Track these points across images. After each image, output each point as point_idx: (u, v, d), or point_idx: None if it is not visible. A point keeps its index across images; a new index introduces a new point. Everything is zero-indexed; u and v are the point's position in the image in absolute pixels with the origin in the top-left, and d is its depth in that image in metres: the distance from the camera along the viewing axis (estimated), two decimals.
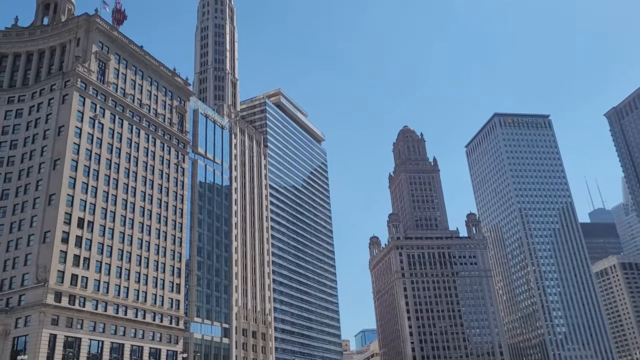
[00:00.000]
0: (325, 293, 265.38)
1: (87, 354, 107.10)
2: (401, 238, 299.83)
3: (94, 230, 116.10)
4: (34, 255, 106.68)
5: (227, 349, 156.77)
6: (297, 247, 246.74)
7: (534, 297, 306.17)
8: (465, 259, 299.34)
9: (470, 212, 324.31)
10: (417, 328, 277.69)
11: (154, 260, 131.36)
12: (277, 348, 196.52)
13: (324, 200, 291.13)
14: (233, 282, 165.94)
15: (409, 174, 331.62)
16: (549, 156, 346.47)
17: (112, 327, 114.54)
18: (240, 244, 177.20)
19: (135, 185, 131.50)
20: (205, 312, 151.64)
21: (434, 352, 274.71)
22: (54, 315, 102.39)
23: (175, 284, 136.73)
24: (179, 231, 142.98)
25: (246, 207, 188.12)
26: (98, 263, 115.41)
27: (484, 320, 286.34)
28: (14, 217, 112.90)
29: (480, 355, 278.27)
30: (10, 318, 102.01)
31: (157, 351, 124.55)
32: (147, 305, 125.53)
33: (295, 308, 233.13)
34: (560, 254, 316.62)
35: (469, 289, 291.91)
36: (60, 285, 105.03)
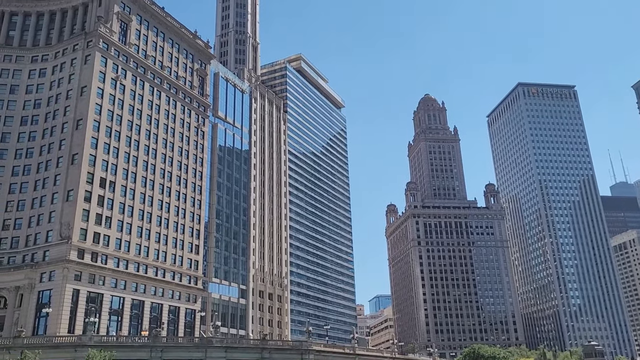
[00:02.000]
0: (341, 258, 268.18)
1: (109, 309, 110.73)
2: (418, 206, 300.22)
3: (115, 190, 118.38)
4: (58, 213, 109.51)
5: (244, 310, 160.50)
6: (315, 213, 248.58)
7: (549, 268, 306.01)
8: (482, 229, 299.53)
9: (489, 182, 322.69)
10: (431, 295, 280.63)
11: (173, 222, 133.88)
12: (293, 310, 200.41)
13: (342, 167, 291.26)
14: (250, 245, 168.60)
15: (428, 142, 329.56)
16: (572, 128, 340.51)
17: (133, 285, 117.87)
18: (259, 208, 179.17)
19: (155, 147, 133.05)
20: (223, 273, 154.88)
21: (447, 319, 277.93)
22: (77, 271, 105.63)
23: (194, 245, 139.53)
24: (198, 194, 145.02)
25: (265, 171, 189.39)
26: (119, 222, 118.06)
27: (498, 290, 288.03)
28: (37, 176, 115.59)
29: (493, 324, 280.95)
30: (35, 272, 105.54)
31: (176, 309, 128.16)
32: (167, 264, 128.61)
33: (311, 272, 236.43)
34: (578, 227, 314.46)
35: (484, 259, 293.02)
36: (83, 243, 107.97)
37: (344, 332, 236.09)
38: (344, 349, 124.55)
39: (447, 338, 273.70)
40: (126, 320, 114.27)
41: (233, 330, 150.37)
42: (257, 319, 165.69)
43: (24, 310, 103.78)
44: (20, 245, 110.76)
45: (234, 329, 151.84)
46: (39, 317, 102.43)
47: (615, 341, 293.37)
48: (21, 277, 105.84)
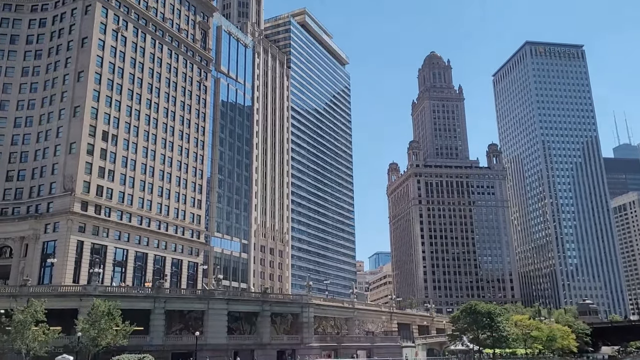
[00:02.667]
0: (341, 215, 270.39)
1: (112, 260, 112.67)
2: (420, 165, 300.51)
3: (118, 144, 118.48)
4: (61, 165, 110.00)
5: (246, 264, 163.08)
6: (317, 170, 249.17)
7: (548, 228, 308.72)
8: (483, 189, 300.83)
9: (492, 142, 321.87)
10: (430, 253, 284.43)
11: (176, 176, 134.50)
12: (294, 265, 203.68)
13: (345, 125, 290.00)
14: (252, 200, 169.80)
15: (432, 101, 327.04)
16: (578, 88, 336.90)
17: (137, 237, 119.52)
18: (261, 164, 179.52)
19: (158, 101, 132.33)
20: (225, 228, 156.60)
21: (445, 276, 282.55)
22: (80, 223, 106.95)
23: (196, 200, 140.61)
24: (200, 149, 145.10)
25: (267, 128, 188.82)
26: (122, 176, 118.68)
27: (497, 249, 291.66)
28: (40, 127, 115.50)
29: (490, 281, 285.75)
30: (40, 223, 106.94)
31: (179, 261, 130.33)
32: (170, 218, 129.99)
33: (312, 228, 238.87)
34: (579, 188, 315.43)
35: (484, 219, 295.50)
36: (86, 195, 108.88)
37: (344, 287, 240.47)
38: (343, 303, 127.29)
39: (444, 294, 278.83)
40: (130, 272, 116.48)
41: (235, 283, 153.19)
42: (258, 273, 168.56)
43: (29, 260, 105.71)
44: (24, 196, 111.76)
45: (236, 282, 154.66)
46: (44, 267, 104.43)
47: (609, 300, 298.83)
48: (26, 227, 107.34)
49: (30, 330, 71.57)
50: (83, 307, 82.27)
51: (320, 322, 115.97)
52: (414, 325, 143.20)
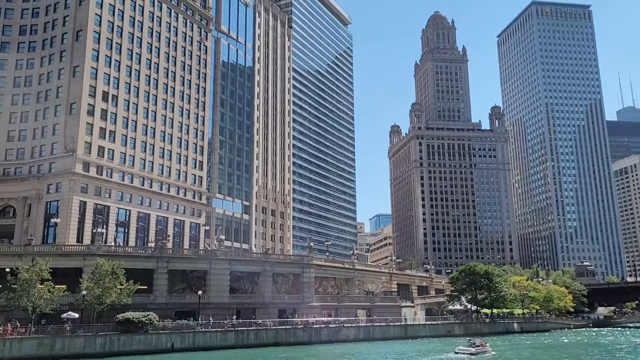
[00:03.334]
0: (343, 177, 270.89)
1: (115, 220, 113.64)
2: (422, 128, 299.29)
3: (118, 104, 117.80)
4: (61, 126, 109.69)
5: (247, 225, 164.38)
6: (318, 132, 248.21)
7: (549, 191, 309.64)
8: (484, 152, 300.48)
9: (495, 105, 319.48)
10: (431, 215, 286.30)
11: (177, 137, 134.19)
12: (295, 226, 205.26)
13: (347, 86, 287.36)
14: (254, 162, 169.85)
15: (435, 62, 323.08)
16: (583, 50, 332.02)
17: (139, 198, 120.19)
18: (262, 125, 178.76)
19: (157, 62, 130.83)
20: (226, 189, 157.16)
21: (445, 238, 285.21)
22: (83, 184, 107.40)
23: (198, 161, 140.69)
24: (201, 110, 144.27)
25: (268, 89, 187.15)
26: (123, 137, 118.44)
27: (497, 211, 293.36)
28: (39, 87, 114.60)
29: (489, 243, 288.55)
30: (42, 184, 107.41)
31: (181, 222, 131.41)
32: (171, 179, 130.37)
33: (313, 190, 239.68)
34: (581, 151, 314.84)
35: (485, 181, 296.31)
36: (87, 156, 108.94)
37: (344, 248, 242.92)
38: (343, 264, 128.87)
39: (444, 256, 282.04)
40: (133, 232, 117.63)
41: (237, 244, 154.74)
42: (259, 234, 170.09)
43: (32, 220, 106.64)
44: (25, 156, 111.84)
45: (238, 242, 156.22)
46: (47, 227, 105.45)
47: (607, 262, 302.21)
48: (28, 187, 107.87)
49: (35, 288, 72.92)
50: (87, 266, 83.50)
51: (321, 282, 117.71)
52: (413, 286, 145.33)
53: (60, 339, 70.25)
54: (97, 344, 71.97)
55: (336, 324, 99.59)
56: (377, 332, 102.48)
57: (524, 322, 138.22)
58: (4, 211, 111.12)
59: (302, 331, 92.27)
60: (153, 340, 76.27)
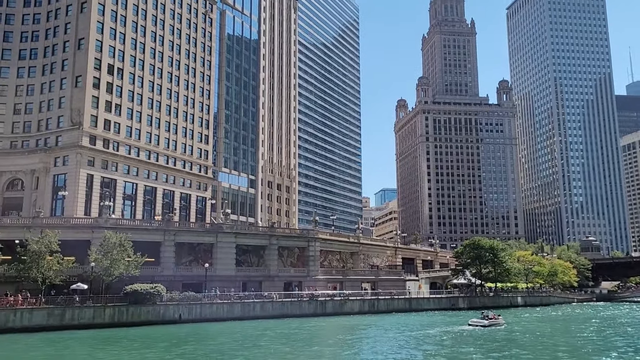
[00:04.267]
0: (348, 152, 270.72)
1: (122, 194, 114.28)
2: (429, 102, 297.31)
3: (123, 78, 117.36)
4: (68, 99, 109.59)
5: (253, 199, 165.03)
6: (324, 106, 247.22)
7: (556, 166, 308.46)
8: (491, 127, 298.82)
9: (503, 79, 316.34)
10: (436, 190, 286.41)
11: (183, 111, 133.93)
12: (300, 201, 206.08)
13: (353, 60, 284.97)
14: (260, 136, 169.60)
15: (443, 35, 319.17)
16: (594, 23, 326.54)
17: (145, 172, 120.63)
18: (268, 99, 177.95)
19: (162, 34, 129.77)
20: (232, 164, 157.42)
21: (450, 212, 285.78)
22: (90, 157, 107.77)
23: (203, 135, 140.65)
24: (207, 83, 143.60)
25: (274, 62, 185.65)
26: (129, 110, 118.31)
27: (503, 186, 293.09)
28: (45, 60, 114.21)
29: (494, 218, 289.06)
30: (49, 157, 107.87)
31: (188, 196, 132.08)
32: (177, 153, 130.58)
33: (319, 164, 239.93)
34: (589, 126, 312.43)
35: (491, 156, 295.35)
36: (94, 129, 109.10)
37: (350, 222, 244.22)
38: (348, 238, 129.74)
39: (449, 230, 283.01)
40: (140, 205, 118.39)
41: (242, 217, 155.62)
42: (265, 208, 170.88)
43: (40, 193, 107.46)
44: (32, 129, 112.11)
45: (244, 216, 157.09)
46: (55, 200, 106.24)
47: (613, 237, 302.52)
48: (36, 160, 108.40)
49: (45, 259, 73.97)
50: (95, 238, 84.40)
51: (326, 255, 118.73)
52: (418, 260, 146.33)
53: (69, 310, 71.56)
54: (106, 314, 73.30)
55: (341, 296, 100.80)
56: (382, 305, 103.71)
57: (528, 296, 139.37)
58: (12, 184, 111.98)
59: (308, 304, 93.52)
60: (161, 312, 77.60)
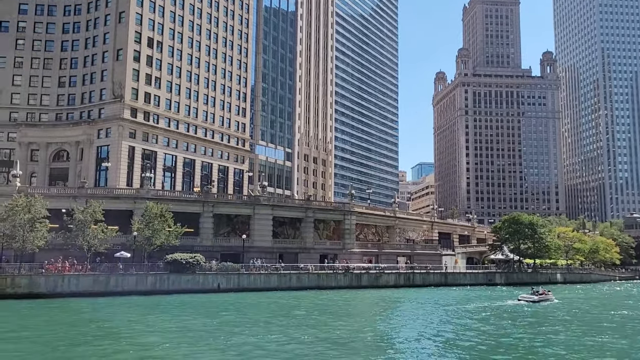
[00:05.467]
0: (385, 125, 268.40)
1: (162, 165, 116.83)
2: (469, 74, 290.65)
3: (163, 50, 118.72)
4: (109, 72, 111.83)
5: (289, 172, 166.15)
6: (361, 79, 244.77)
7: (600, 141, 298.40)
8: (534, 99, 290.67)
9: (547, 50, 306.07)
10: (475, 165, 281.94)
11: (220, 84, 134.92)
12: (336, 174, 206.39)
13: (391, 32, 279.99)
14: (296, 109, 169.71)
15: (485, 5, 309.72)
16: None
17: (184, 144, 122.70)
18: (305, 72, 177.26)
19: (200, 7, 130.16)
20: (269, 136, 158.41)
21: (489, 187, 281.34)
22: (131, 129, 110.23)
23: (241, 108, 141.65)
24: (244, 56, 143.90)
25: (311, 35, 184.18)
26: (168, 83, 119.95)
27: (544, 161, 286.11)
28: (87, 34, 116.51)
29: (534, 193, 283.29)
30: (92, 129, 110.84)
31: (225, 168, 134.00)
32: (215, 126, 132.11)
33: (356, 138, 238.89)
34: (637, 99, 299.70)
35: (533, 130, 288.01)
36: (135, 102, 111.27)
37: (386, 196, 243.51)
38: (384, 212, 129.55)
39: (486, 206, 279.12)
40: (179, 177, 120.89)
41: (279, 190, 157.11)
42: (301, 181, 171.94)
43: (85, 164, 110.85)
44: (76, 102, 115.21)
45: (280, 189, 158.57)
46: (99, 171, 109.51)
47: None
48: (80, 132, 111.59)
49: (90, 228, 76.72)
50: (137, 209, 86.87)
51: (361, 229, 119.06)
52: (454, 235, 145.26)
53: (114, 277, 74.32)
54: (148, 282, 75.80)
55: (376, 270, 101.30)
56: (417, 278, 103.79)
57: (567, 273, 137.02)
58: (58, 155, 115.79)
59: (343, 276, 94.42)
60: (200, 280, 79.74)
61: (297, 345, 36.85)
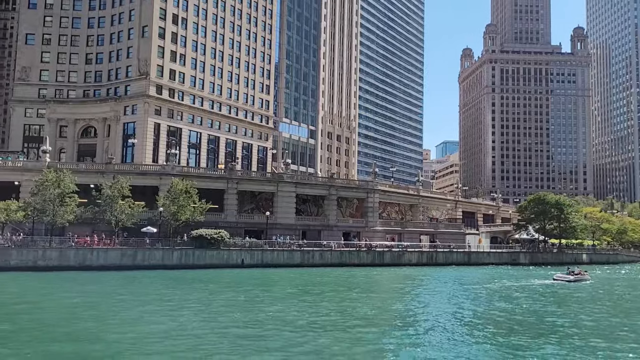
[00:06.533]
0: (410, 103, 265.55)
1: (187, 142, 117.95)
2: (496, 51, 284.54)
3: (187, 27, 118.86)
4: (135, 49, 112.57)
5: (313, 149, 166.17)
6: (386, 55, 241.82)
7: (631, 119, 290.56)
8: (563, 77, 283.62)
9: (578, 25, 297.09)
10: (501, 143, 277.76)
11: (244, 61, 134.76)
12: (360, 152, 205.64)
13: (417, 7, 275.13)
14: (320, 86, 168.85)
15: None
16: None
17: (209, 121, 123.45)
18: (329, 49, 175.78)
19: None
20: (293, 114, 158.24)
21: (514, 167, 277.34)
22: (156, 106, 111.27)
23: (265, 85, 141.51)
24: (268, 33, 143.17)
25: (336, 11, 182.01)
26: (193, 60, 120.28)
27: (572, 140, 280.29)
28: (113, 10, 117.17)
29: (562, 173, 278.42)
30: (119, 105, 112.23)
31: (249, 145, 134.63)
32: (239, 103, 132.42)
33: (380, 115, 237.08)
34: None
35: (561, 108, 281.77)
36: (160, 79, 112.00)
37: (409, 174, 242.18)
38: (408, 190, 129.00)
39: (512, 185, 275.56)
40: (204, 154, 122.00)
41: (302, 168, 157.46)
42: (325, 158, 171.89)
43: (112, 140, 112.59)
44: (103, 79, 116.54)
45: (303, 167, 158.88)
46: (125, 147, 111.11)
47: None
48: (107, 109, 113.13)
49: (117, 204, 78.27)
50: (163, 185, 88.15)
51: (385, 207, 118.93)
52: (478, 214, 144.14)
53: (141, 251, 75.97)
54: (174, 256, 77.33)
55: (399, 248, 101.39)
56: (440, 257, 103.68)
57: (594, 254, 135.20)
58: (86, 131, 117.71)
59: (366, 253, 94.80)
60: (224, 256, 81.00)
61: (326, 319, 37.56)
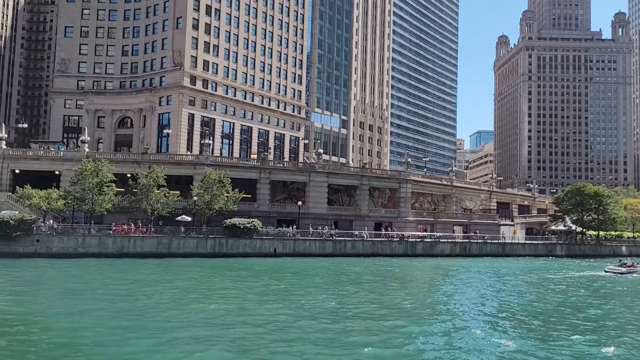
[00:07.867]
0: (443, 92, 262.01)
1: (221, 133, 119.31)
2: (533, 38, 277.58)
3: (220, 18, 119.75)
4: (169, 40, 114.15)
5: (345, 139, 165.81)
6: (419, 44, 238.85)
7: None
8: (603, 64, 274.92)
9: (620, 11, 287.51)
10: (537, 132, 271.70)
11: (277, 51, 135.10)
12: (392, 142, 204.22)
13: None
14: (352, 76, 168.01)
15: None
16: None
17: (242, 111, 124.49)
18: (361, 38, 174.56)
19: None
20: (325, 104, 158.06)
21: (552, 157, 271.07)
22: (190, 97, 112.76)
23: (297, 75, 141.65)
24: (300, 22, 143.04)
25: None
26: (226, 51, 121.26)
27: (612, 129, 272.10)
28: (148, 2, 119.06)
29: (600, 163, 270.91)
30: (154, 96, 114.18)
31: (281, 135, 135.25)
32: (272, 93, 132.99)
33: (412, 105, 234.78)
34: None
35: (601, 96, 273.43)
36: (194, 70, 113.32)
37: (443, 165, 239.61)
38: (441, 180, 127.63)
39: (549, 175, 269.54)
40: (237, 144, 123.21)
41: (334, 158, 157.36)
42: (357, 148, 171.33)
43: (147, 130, 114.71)
44: (139, 70, 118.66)
45: (335, 157, 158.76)
46: (160, 137, 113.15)
47: None
48: (142, 100, 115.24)
49: (153, 193, 79.80)
50: (197, 174, 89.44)
51: (417, 197, 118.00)
52: (514, 205, 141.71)
53: (176, 239, 77.41)
54: (207, 245, 78.54)
55: (432, 238, 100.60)
56: (474, 248, 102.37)
57: (634, 246, 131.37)
58: (122, 122, 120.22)
59: (398, 244, 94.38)
60: (257, 245, 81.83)
61: (362, 308, 37.77)
